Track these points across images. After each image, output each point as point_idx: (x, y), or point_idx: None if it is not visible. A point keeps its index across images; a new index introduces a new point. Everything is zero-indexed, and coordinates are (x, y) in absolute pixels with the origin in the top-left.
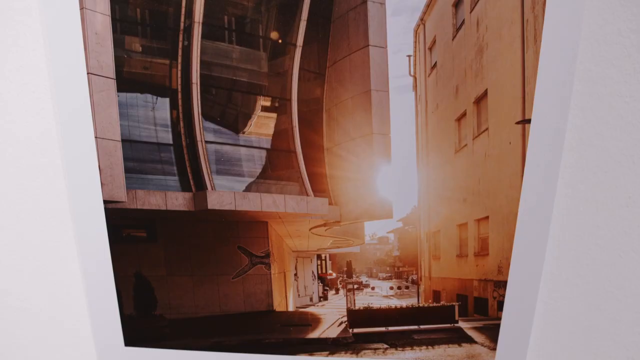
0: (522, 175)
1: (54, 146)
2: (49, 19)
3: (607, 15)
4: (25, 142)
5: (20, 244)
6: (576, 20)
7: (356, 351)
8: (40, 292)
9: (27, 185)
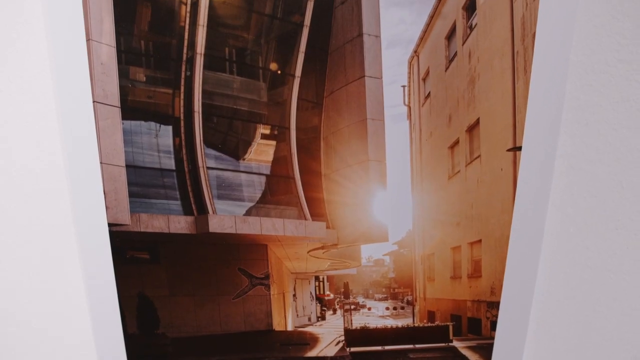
0: (514, 200)
1: (61, 171)
2: (57, 49)
3: (595, 46)
4: (32, 166)
5: (25, 264)
6: (564, 51)
7: None
8: (44, 311)
9: (34, 208)
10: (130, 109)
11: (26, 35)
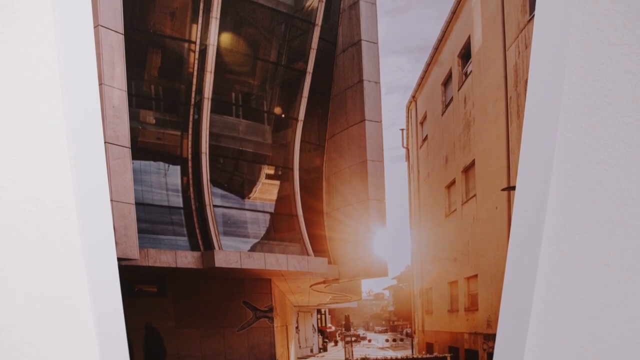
0: (508, 237)
1: (72, 207)
2: (70, 92)
3: (585, 90)
4: (46, 203)
5: (37, 296)
6: (556, 96)
7: None
8: (55, 341)
9: (46, 242)
10: (140, 150)
11: (41, 79)
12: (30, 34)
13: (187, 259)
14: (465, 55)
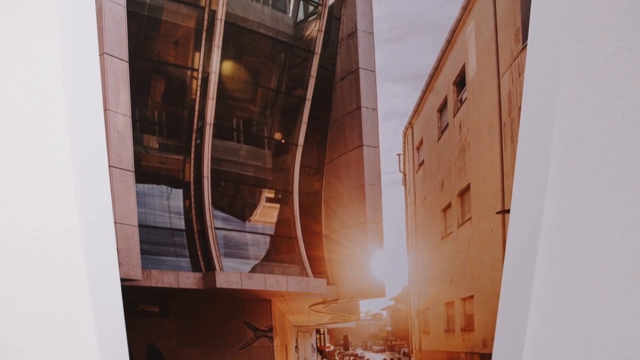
0: (503, 259)
1: (77, 229)
2: (76, 119)
3: (578, 115)
4: (51, 224)
5: (41, 316)
6: (549, 122)
7: None
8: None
9: (51, 263)
10: (144, 173)
11: (47, 105)
12: (37, 61)
13: (188, 279)
14: (460, 82)
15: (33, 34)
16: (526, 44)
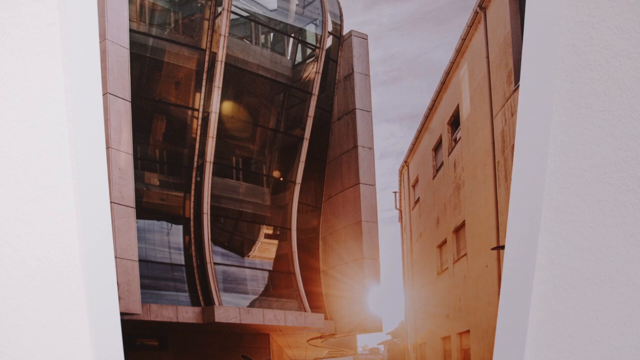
0: (499, 294)
1: (78, 263)
2: (79, 156)
3: (570, 153)
4: (53, 258)
5: (41, 349)
6: (541, 159)
7: None
8: None
9: (52, 296)
10: (145, 210)
11: (52, 142)
12: (43, 100)
13: (188, 314)
14: (455, 122)
15: (39, 73)
16: (518, 85)
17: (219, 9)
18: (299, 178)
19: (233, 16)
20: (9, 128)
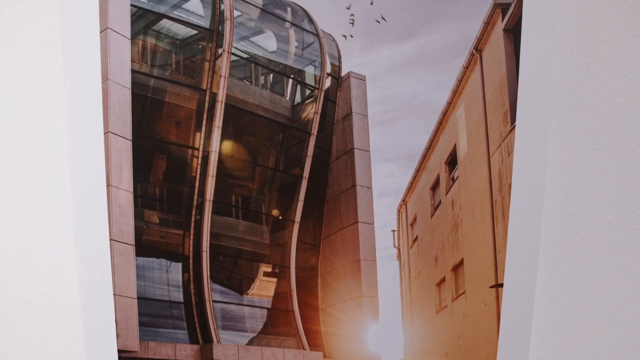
0: (498, 332)
1: (77, 301)
2: (80, 194)
3: (567, 191)
4: (51, 297)
5: None
6: (538, 198)
7: None
8: None
9: (49, 334)
10: (144, 247)
11: (53, 180)
12: (45, 138)
13: (186, 351)
14: (452, 162)
15: (42, 111)
16: (514, 125)
17: (220, 51)
18: (298, 216)
19: (233, 58)
20: (11, 165)
